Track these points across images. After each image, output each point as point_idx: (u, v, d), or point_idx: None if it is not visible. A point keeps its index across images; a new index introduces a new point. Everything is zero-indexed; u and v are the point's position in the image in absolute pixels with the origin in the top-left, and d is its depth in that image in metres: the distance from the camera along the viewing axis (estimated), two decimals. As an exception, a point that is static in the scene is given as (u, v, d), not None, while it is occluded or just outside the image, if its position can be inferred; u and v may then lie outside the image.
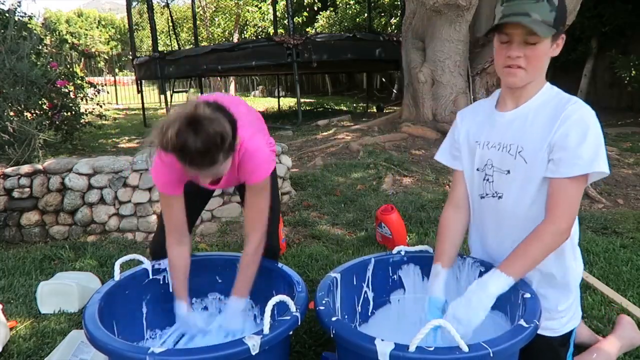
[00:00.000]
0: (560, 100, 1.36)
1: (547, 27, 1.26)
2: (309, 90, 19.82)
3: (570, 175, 1.27)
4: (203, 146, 1.28)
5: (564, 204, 1.28)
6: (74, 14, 41.43)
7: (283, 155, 3.90)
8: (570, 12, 5.69)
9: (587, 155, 1.26)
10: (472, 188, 1.55)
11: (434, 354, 1.15)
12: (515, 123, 1.40)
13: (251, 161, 1.54)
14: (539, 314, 1.32)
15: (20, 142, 3.93)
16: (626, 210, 3.63)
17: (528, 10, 1.26)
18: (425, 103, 6.30)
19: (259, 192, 1.61)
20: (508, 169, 1.41)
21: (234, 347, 1.25)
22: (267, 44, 8.18)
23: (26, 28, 5.90)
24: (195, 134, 1.27)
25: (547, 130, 1.32)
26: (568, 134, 1.28)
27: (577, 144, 1.26)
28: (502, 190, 1.44)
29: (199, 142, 1.27)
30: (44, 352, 1.89)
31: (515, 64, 1.31)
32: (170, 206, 1.64)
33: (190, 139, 1.26)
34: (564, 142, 1.28)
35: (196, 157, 1.30)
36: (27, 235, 3.20)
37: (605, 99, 9.29)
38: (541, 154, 1.33)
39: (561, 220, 1.28)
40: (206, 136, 1.28)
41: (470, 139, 1.53)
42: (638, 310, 2.04)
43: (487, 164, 1.46)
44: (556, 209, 1.28)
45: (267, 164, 1.58)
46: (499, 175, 1.44)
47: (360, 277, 1.76)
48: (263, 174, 1.57)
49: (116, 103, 15.56)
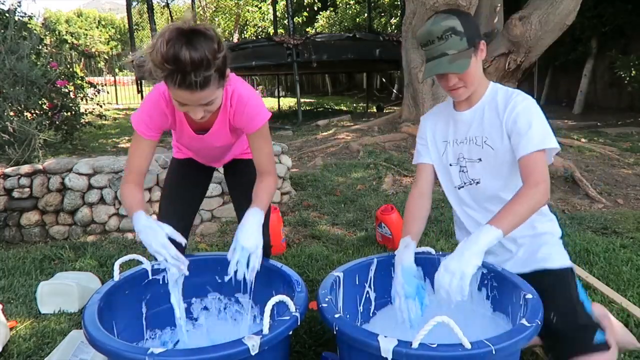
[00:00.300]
0: (505, 93, 1.58)
1: (465, 56, 1.47)
2: (309, 90, 19.83)
3: (530, 151, 1.46)
4: (197, 54, 1.23)
5: (536, 170, 1.45)
6: (73, 14, 41.47)
7: (283, 155, 3.90)
8: (570, 12, 5.69)
9: (537, 136, 1.47)
10: (447, 182, 1.73)
11: (437, 351, 1.16)
12: (475, 119, 1.61)
13: (248, 106, 1.54)
14: (540, 315, 1.33)
15: (20, 142, 3.93)
16: (626, 210, 3.63)
17: (443, 51, 1.47)
18: (425, 103, 6.30)
19: (263, 137, 1.61)
20: (479, 157, 1.62)
21: (233, 347, 1.25)
22: (267, 44, 8.19)
23: (26, 28, 5.90)
24: (188, 43, 1.22)
25: (500, 119, 1.54)
26: (517, 121, 1.50)
27: (527, 128, 1.48)
28: (478, 176, 1.64)
29: (193, 51, 1.22)
30: (44, 352, 1.89)
31: (455, 87, 1.54)
32: (139, 148, 1.59)
33: (183, 47, 1.22)
34: (516, 128, 1.49)
35: (189, 65, 1.24)
36: (27, 235, 3.20)
37: (605, 99, 9.29)
38: (504, 141, 1.54)
39: (540, 181, 1.43)
40: (200, 47, 1.23)
41: (437, 139, 1.72)
42: (638, 310, 2.04)
43: (460, 157, 1.66)
44: (532, 175, 1.45)
45: (263, 107, 1.58)
46: (471, 164, 1.64)
47: (363, 277, 1.76)
48: (263, 117, 1.57)
49: (116, 103, 15.57)
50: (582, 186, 4.05)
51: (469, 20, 1.50)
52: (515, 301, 1.47)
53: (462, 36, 1.46)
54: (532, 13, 5.74)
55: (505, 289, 1.55)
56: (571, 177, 4.15)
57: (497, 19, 6.72)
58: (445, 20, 1.47)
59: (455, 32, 1.46)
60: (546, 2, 5.70)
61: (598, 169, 4.65)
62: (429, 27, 1.50)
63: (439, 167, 1.73)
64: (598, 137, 6.46)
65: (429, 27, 1.50)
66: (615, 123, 7.68)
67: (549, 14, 5.67)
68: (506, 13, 6.67)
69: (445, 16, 1.49)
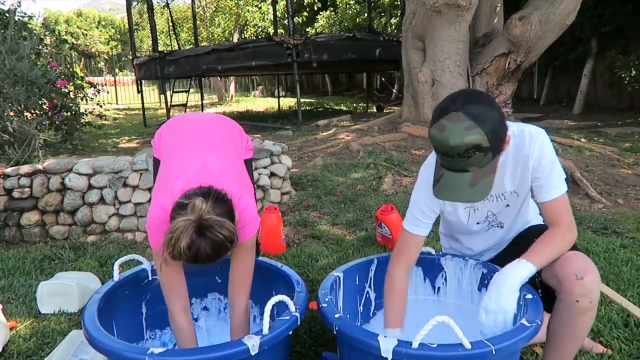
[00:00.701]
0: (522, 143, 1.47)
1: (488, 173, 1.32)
2: (309, 90, 19.82)
3: (557, 195, 1.47)
4: (214, 252, 1.30)
5: (567, 212, 1.48)
6: (73, 14, 41.43)
7: (283, 155, 3.90)
8: (570, 12, 5.69)
9: (560, 178, 1.48)
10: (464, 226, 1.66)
11: (437, 351, 1.16)
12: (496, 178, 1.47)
13: (241, 217, 1.49)
14: (541, 315, 1.33)
15: (20, 142, 3.92)
16: (626, 210, 3.63)
17: (464, 166, 1.30)
18: (425, 103, 6.30)
19: (246, 252, 1.57)
20: (507, 204, 1.59)
21: (233, 347, 1.25)
22: (267, 44, 8.18)
23: (26, 28, 5.90)
24: (206, 243, 1.28)
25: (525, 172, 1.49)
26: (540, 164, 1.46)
27: (551, 171, 1.46)
28: (504, 221, 1.64)
29: (210, 249, 1.29)
30: (44, 352, 1.89)
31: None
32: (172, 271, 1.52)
33: (202, 249, 1.28)
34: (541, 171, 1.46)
35: (207, 260, 1.32)
36: (27, 235, 3.20)
37: (605, 99, 9.28)
38: (528, 184, 1.52)
39: (572, 226, 1.47)
40: (217, 244, 1.30)
41: (459, 206, 1.60)
42: (638, 310, 2.04)
43: (488, 215, 1.62)
44: (563, 218, 1.47)
45: (254, 221, 1.54)
46: (500, 213, 1.62)
47: (363, 277, 1.76)
48: (250, 232, 1.53)
49: (116, 103, 15.58)
50: (582, 186, 4.05)
51: (494, 124, 1.26)
52: (515, 301, 1.47)
53: (488, 151, 1.27)
54: (532, 13, 5.75)
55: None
56: (571, 177, 4.15)
57: (497, 19, 6.73)
58: (469, 136, 1.23)
59: (479, 149, 1.25)
60: (546, 2, 5.70)
61: (598, 169, 4.65)
62: (447, 139, 1.24)
63: (461, 226, 1.67)
64: (598, 137, 6.46)
65: (447, 141, 1.25)
66: (615, 123, 7.68)
67: (549, 14, 5.67)
68: (506, 13, 6.68)
69: (468, 126, 1.23)
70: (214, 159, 1.56)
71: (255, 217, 1.54)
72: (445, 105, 1.29)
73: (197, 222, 1.28)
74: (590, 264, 1.38)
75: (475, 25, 6.60)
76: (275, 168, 3.78)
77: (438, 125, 1.27)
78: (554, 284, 1.42)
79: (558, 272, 1.39)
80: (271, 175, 3.77)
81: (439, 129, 1.26)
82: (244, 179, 1.67)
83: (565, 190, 1.48)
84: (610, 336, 1.87)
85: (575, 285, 1.33)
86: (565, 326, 1.41)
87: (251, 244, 1.57)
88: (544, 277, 1.47)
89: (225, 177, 1.52)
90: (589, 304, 1.35)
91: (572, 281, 1.34)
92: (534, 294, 1.42)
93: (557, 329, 1.43)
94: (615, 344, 1.82)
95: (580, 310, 1.36)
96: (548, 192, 1.47)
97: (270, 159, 3.79)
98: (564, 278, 1.37)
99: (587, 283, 1.33)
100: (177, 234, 1.27)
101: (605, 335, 1.88)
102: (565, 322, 1.40)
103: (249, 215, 1.51)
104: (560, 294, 1.39)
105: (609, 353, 1.77)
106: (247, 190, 1.61)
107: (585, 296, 1.33)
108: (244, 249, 1.55)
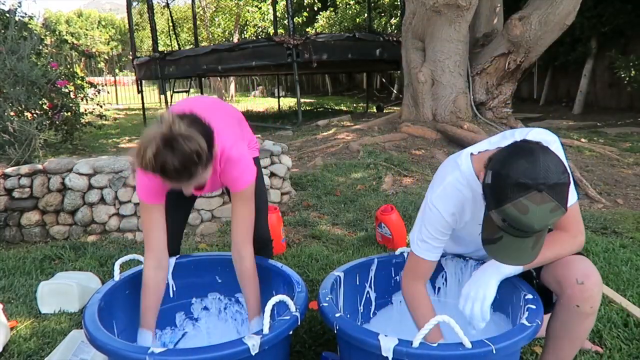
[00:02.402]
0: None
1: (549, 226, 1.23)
2: (309, 90, 19.82)
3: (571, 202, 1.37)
4: (181, 164, 1.32)
5: (577, 221, 1.45)
6: (74, 14, 41.44)
7: (283, 155, 3.91)
8: (570, 12, 5.69)
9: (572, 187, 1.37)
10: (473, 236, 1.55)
11: (437, 350, 1.16)
12: None
13: (234, 169, 1.56)
14: (541, 315, 1.33)
15: (21, 142, 3.93)
16: (626, 210, 3.63)
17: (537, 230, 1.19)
18: (425, 103, 6.30)
19: (246, 201, 1.61)
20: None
21: (233, 347, 1.25)
22: (267, 44, 8.17)
23: (27, 28, 5.90)
24: (172, 153, 1.31)
25: None
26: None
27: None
28: None
29: (177, 161, 1.31)
30: (44, 352, 1.89)
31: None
32: (151, 219, 1.61)
33: (168, 159, 1.31)
34: None
35: (175, 174, 1.34)
36: (27, 235, 3.20)
37: (605, 99, 9.28)
38: None
39: (579, 234, 1.44)
40: (182, 155, 1.32)
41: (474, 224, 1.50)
42: (638, 310, 2.04)
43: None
44: (573, 225, 1.44)
45: (250, 169, 1.59)
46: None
47: (363, 277, 1.76)
48: (247, 180, 1.58)
49: (116, 103, 15.57)
50: (582, 186, 4.06)
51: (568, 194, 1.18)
52: (516, 301, 1.47)
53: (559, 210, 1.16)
54: (532, 13, 5.75)
55: (505, 289, 1.55)
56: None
57: (497, 19, 6.73)
58: (554, 218, 1.16)
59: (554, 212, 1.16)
60: (546, 2, 5.70)
61: (598, 169, 4.65)
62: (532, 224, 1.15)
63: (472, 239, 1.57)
64: (598, 137, 6.46)
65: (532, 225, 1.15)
66: (615, 123, 7.68)
67: (549, 14, 5.67)
68: (506, 13, 6.68)
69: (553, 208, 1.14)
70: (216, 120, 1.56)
71: (251, 166, 1.59)
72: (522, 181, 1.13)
73: (165, 133, 1.30)
74: (592, 269, 1.36)
75: (475, 25, 6.60)
76: (275, 168, 3.79)
77: (518, 205, 1.13)
78: (554, 287, 1.41)
79: (559, 275, 1.38)
80: (271, 175, 3.77)
81: (520, 211, 1.13)
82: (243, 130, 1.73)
83: (575, 199, 1.41)
84: (610, 336, 1.87)
85: (576, 290, 1.33)
86: (565, 330, 1.40)
87: (250, 192, 1.61)
88: (545, 280, 1.46)
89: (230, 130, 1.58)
90: (589, 309, 1.34)
91: (573, 286, 1.33)
92: (534, 294, 1.42)
93: (557, 331, 1.43)
94: (615, 344, 1.82)
95: (581, 315, 1.35)
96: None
97: (270, 159, 3.80)
98: (565, 282, 1.36)
99: (588, 288, 1.32)
100: (144, 143, 1.31)
101: (605, 335, 1.88)
102: (565, 325, 1.40)
103: (244, 163, 1.57)
104: (561, 298, 1.38)
105: (607, 353, 1.77)
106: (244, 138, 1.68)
107: (587, 301, 1.33)
108: (244, 197, 1.60)
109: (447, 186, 1.45)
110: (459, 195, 1.44)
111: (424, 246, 1.51)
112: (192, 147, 1.32)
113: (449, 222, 1.46)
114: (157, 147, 1.30)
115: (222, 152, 1.53)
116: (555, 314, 1.41)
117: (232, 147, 1.55)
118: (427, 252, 1.52)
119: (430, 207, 1.47)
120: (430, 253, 1.52)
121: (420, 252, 1.52)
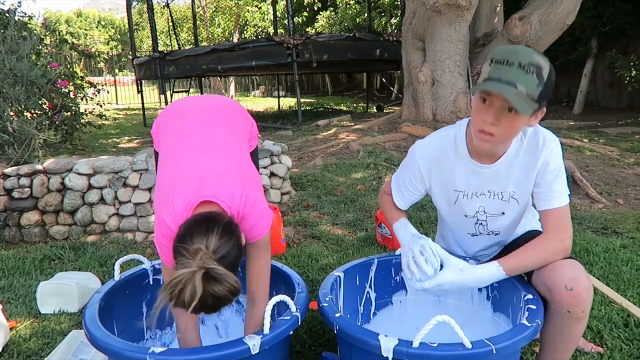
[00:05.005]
0: (536, 144, 1.46)
1: (530, 103, 1.28)
2: (309, 90, 19.82)
3: (560, 205, 1.45)
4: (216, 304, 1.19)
5: (566, 224, 1.44)
6: (73, 14, 41.44)
7: (283, 155, 3.90)
8: (570, 12, 5.69)
9: (564, 188, 1.47)
10: (458, 228, 1.68)
11: (438, 350, 1.16)
12: (501, 172, 1.50)
13: (250, 218, 1.42)
14: (541, 315, 1.33)
15: (20, 142, 3.92)
16: (626, 210, 3.63)
17: (515, 80, 1.26)
18: (425, 103, 6.30)
19: (262, 251, 1.50)
20: (502, 211, 1.57)
21: (234, 347, 1.25)
22: (267, 44, 8.17)
23: (26, 28, 5.90)
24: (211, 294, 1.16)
25: (531, 174, 1.48)
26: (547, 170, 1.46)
27: (556, 179, 1.46)
28: (498, 229, 1.62)
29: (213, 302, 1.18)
30: (44, 352, 1.89)
31: (488, 130, 1.34)
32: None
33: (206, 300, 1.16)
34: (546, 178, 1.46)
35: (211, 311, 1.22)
36: (27, 235, 3.20)
37: (605, 99, 9.28)
38: (530, 191, 1.51)
39: (566, 238, 1.42)
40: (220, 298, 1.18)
41: (448, 187, 1.58)
42: (638, 310, 2.04)
43: (479, 210, 1.58)
44: (560, 228, 1.43)
45: (265, 216, 1.45)
46: (493, 218, 1.59)
47: (363, 277, 1.76)
48: (263, 229, 1.45)
49: (116, 103, 15.57)
50: (582, 186, 4.05)
51: (551, 82, 1.31)
52: (516, 301, 1.47)
53: (541, 84, 1.28)
54: (532, 13, 5.75)
55: (505, 289, 1.55)
56: (571, 177, 4.15)
57: (497, 19, 6.73)
58: (537, 56, 1.29)
59: (538, 74, 1.28)
60: (546, 2, 5.70)
61: (598, 169, 4.65)
62: (516, 49, 1.31)
63: (445, 211, 1.65)
64: (598, 137, 6.46)
65: (516, 49, 1.31)
66: (615, 123, 7.68)
67: (549, 14, 5.67)
68: (506, 13, 6.68)
69: (538, 54, 1.30)
70: (214, 160, 1.48)
71: (265, 212, 1.45)
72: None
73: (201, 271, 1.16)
74: (580, 273, 1.34)
75: (475, 25, 6.60)
76: (275, 168, 3.78)
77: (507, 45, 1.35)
78: (544, 293, 1.40)
79: (547, 281, 1.37)
80: (271, 175, 3.77)
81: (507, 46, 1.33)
82: (249, 175, 1.56)
83: (566, 202, 1.45)
84: (611, 336, 1.87)
85: (566, 296, 1.32)
86: (558, 333, 1.40)
87: (266, 242, 1.50)
88: (535, 285, 1.45)
89: (229, 180, 1.42)
90: (581, 313, 1.34)
91: (562, 292, 1.32)
92: (534, 294, 1.42)
93: (550, 335, 1.43)
94: (615, 344, 1.82)
95: (573, 320, 1.35)
96: (548, 201, 1.45)
97: (270, 159, 3.79)
98: (554, 289, 1.35)
99: (577, 293, 1.31)
100: (179, 286, 1.15)
101: (605, 336, 1.88)
102: (558, 329, 1.40)
103: (259, 212, 1.43)
104: (552, 303, 1.37)
105: (607, 353, 1.77)
106: (254, 186, 1.52)
107: (577, 306, 1.32)
108: (260, 248, 1.49)
109: (435, 136, 1.59)
110: (442, 146, 1.55)
111: (395, 185, 1.70)
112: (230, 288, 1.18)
113: (422, 174, 1.59)
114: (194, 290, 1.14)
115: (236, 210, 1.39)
116: (547, 319, 1.40)
117: (242, 196, 1.40)
118: (396, 191, 1.69)
119: (413, 153, 1.62)
120: (397, 195, 1.69)
121: (393, 188, 1.71)
